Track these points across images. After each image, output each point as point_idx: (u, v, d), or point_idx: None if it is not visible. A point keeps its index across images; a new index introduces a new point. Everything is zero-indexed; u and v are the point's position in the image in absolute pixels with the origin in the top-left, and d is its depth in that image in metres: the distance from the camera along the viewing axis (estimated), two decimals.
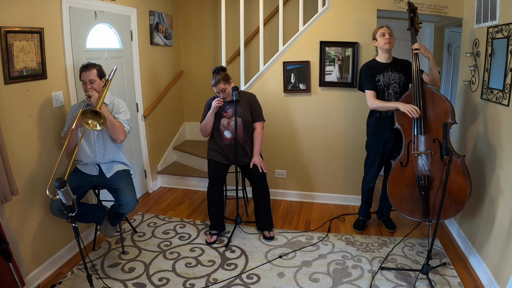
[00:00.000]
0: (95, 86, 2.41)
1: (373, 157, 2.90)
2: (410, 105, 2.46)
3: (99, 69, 2.45)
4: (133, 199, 2.50)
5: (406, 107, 2.46)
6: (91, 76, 2.39)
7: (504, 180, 2.21)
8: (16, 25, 2.18)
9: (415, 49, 2.51)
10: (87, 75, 2.39)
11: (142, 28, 3.66)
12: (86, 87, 2.40)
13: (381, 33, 2.67)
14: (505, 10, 2.19)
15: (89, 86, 2.39)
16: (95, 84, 2.41)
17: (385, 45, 2.67)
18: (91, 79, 2.39)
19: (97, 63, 2.49)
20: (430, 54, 2.57)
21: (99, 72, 2.45)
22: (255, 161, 2.91)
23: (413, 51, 2.52)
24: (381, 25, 2.73)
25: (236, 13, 3.81)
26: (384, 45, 2.66)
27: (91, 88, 2.39)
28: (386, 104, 2.64)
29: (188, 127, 4.83)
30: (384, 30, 2.67)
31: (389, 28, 2.69)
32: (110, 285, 2.37)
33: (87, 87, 2.39)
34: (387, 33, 2.66)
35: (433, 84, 2.61)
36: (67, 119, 2.52)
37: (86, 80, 2.39)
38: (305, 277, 2.45)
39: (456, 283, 2.32)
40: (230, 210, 3.46)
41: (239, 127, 2.89)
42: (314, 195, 3.72)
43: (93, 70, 2.40)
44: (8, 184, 2.07)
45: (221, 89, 2.83)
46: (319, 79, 3.40)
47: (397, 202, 2.61)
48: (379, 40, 2.68)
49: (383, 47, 2.68)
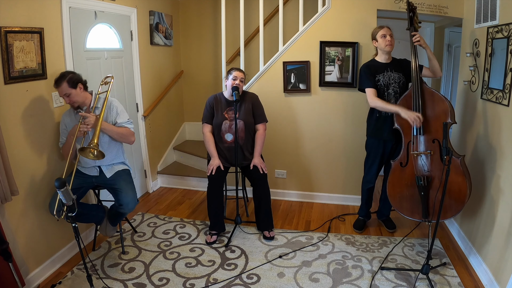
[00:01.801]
0: (73, 98, 2.31)
1: (373, 157, 2.90)
2: (413, 114, 2.41)
3: (69, 79, 2.29)
4: (133, 198, 2.50)
5: (409, 115, 2.42)
6: (63, 90, 2.28)
7: (504, 180, 2.20)
8: (16, 25, 2.18)
9: (416, 40, 2.50)
10: (60, 91, 2.30)
11: (142, 28, 3.66)
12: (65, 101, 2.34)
13: (382, 35, 2.64)
14: (505, 10, 2.19)
15: (67, 100, 2.32)
16: (71, 96, 2.30)
17: (386, 47, 2.65)
18: (65, 93, 2.29)
19: (66, 72, 2.35)
20: (427, 46, 2.59)
21: (71, 82, 2.29)
22: (256, 162, 2.91)
23: (413, 43, 2.51)
24: (381, 25, 2.70)
25: (236, 13, 3.81)
26: (385, 47, 2.65)
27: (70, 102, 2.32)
28: (387, 106, 2.60)
29: (188, 127, 4.83)
30: (385, 32, 2.64)
31: (389, 29, 2.67)
32: (110, 285, 2.37)
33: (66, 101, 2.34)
34: (388, 34, 2.64)
35: (435, 75, 2.61)
36: (61, 129, 2.47)
37: (61, 96, 2.32)
38: (305, 277, 2.45)
39: (456, 283, 2.32)
40: (230, 210, 3.45)
41: (241, 130, 2.89)
42: (314, 195, 3.72)
43: (63, 84, 2.27)
44: (8, 184, 2.07)
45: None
46: (319, 79, 3.40)
47: (397, 202, 2.61)
48: (380, 42, 2.66)
49: (384, 49, 2.67)
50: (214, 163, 2.87)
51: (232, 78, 2.84)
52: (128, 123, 2.56)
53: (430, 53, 2.61)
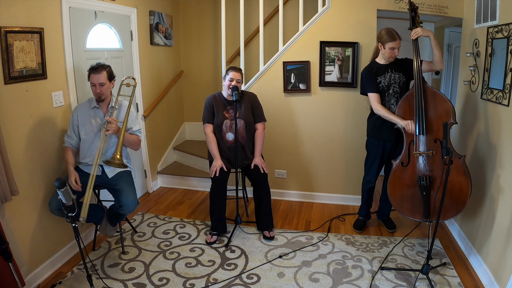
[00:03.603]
0: (105, 89, 2.38)
1: (373, 157, 2.90)
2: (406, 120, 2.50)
3: (109, 70, 2.40)
4: (134, 200, 2.50)
5: (405, 123, 2.50)
6: (101, 79, 2.34)
7: (504, 180, 2.20)
8: (16, 25, 2.18)
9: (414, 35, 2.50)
10: (97, 77, 2.34)
11: (142, 28, 3.66)
12: (95, 90, 2.38)
13: (391, 47, 2.61)
14: (505, 10, 2.19)
15: (99, 90, 2.36)
16: (105, 87, 2.37)
17: (390, 58, 2.69)
18: (101, 82, 2.35)
19: (106, 64, 2.44)
20: (429, 32, 2.55)
21: (109, 74, 2.40)
22: (257, 162, 2.91)
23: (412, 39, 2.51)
24: (394, 36, 2.59)
25: (236, 13, 3.81)
26: (389, 58, 2.68)
27: (100, 91, 2.36)
28: (389, 116, 2.61)
29: (188, 127, 4.83)
30: (395, 45, 2.60)
31: (400, 41, 2.62)
32: (110, 285, 2.37)
33: (97, 90, 2.37)
34: (397, 47, 2.62)
35: (436, 66, 2.60)
36: (71, 121, 2.48)
37: (96, 83, 2.35)
38: (305, 277, 2.45)
39: (456, 283, 2.32)
40: (230, 210, 3.45)
41: (242, 129, 2.89)
42: (314, 195, 3.72)
43: (103, 72, 2.35)
44: (8, 184, 2.06)
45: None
46: (319, 79, 3.40)
47: (397, 202, 2.61)
48: (387, 51, 2.64)
49: (387, 58, 2.69)
50: (217, 164, 2.86)
51: (229, 79, 2.84)
52: (139, 131, 2.61)
53: (433, 41, 2.55)
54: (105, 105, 2.51)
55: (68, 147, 2.48)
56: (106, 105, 2.51)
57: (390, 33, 2.60)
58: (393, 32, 2.60)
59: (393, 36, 2.59)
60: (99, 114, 2.50)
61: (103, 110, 2.50)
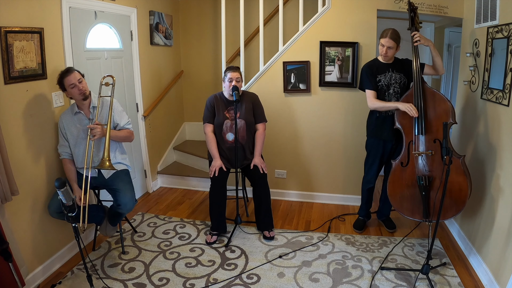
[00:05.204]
0: (84, 84, 2.39)
1: (373, 157, 2.90)
2: (408, 104, 2.47)
3: (77, 70, 2.42)
4: (132, 198, 2.50)
5: (406, 106, 2.47)
6: (76, 76, 2.36)
7: (504, 180, 2.20)
8: (16, 25, 2.18)
9: (415, 41, 2.50)
10: (72, 76, 2.34)
11: (142, 28, 3.66)
12: (77, 89, 2.35)
13: (381, 43, 2.64)
14: (505, 10, 2.19)
15: (81, 86, 2.35)
16: (83, 82, 2.39)
17: (385, 57, 2.68)
18: (78, 79, 2.36)
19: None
20: (429, 42, 2.57)
21: (79, 73, 2.41)
22: (256, 162, 2.91)
23: (413, 44, 2.51)
24: (387, 33, 2.59)
25: (236, 13, 3.80)
26: (383, 55, 2.68)
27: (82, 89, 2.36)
28: (386, 104, 2.64)
29: (188, 127, 4.83)
30: (384, 42, 2.61)
31: (391, 40, 2.58)
32: (110, 285, 2.37)
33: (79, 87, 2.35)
34: (387, 46, 2.61)
35: (438, 72, 2.60)
36: (59, 131, 2.46)
37: (74, 82, 2.33)
38: (305, 277, 2.45)
39: (456, 283, 2.32)
40: (230, 210, 3.45)
41: (242, 129, 2.89)
42: (314, 195, 3.72)
43: (74, 72, 2.37)
44: (8, 184, 2.07)
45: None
46: (319, 79, 3.40)
47: (397, 202, 2.61)
48: (380, 48, 2.67)
49: (381, 56, 2.70)
50: (216, 164, 2.86)
51: (228, 80, 2.84)
52: (128, 124, 2.62)
53: (433, 50, 2.58)
54: (87, 107, 2.47)
55: (65, 159, 2.47)
56: (87, 107, 2.47)
57: (385, 31, 2.64)
58: (389, 31, 2.60)
59: (385, 33, 2.62)
60: (83, 119, 2.46)
61: (85, 112, 2.46)
